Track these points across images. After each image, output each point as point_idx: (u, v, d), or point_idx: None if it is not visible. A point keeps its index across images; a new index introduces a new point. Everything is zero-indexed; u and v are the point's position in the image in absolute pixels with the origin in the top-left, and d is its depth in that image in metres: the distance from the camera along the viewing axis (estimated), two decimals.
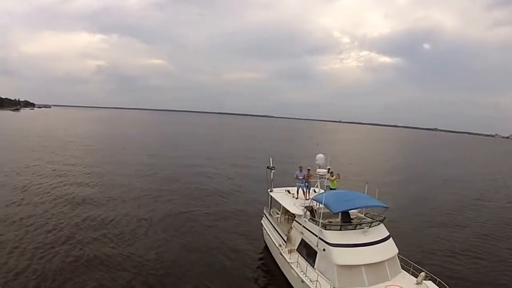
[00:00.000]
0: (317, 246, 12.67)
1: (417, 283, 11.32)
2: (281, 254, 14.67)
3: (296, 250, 14.14)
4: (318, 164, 16.20)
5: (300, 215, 14.50)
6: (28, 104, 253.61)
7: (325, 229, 12.52)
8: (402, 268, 12.66)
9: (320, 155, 16.38)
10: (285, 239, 14.99)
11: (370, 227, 12.94)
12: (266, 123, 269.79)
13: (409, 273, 12.42)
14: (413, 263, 12.54)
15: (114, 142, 65.02)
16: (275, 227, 16.50)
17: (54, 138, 64.03)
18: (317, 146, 52.90)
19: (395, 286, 11.30)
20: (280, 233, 15.65)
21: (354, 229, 12.73)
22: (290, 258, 13.84)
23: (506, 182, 45.98)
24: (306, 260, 13.10)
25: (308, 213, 14.13)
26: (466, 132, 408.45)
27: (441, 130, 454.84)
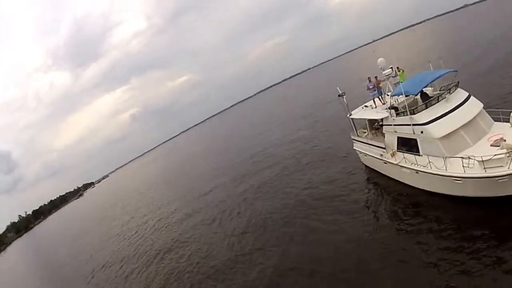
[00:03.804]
0: (414, 133, 13.27)
1: None
2: (385, 162, 15.40)
3: (397, 150, 14.76)
4: (381, 68, 16.33)
5: (387, 117, 15.10)
6: (88, 186, 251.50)
7: (414, 114, 13.08)
8: (493, 120, 12.87)
9: (380, 59, 16.41)
10: (383, 146, 15.64)
11: (450, 93, 13.28)
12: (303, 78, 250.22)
13: (500, 121, 12.55)
14: (500, 110, 12.65)
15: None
16: (368, 142, 17.22)
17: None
18: (373, 54, 53.75)
19: (496, 135, 11.45)
20: (376, 145, 16.35)
21: (438, 102, 13.14)
22: (396, 160, 14.55)
23: None
24: (411, 153, 13.65)
25: (392, 111, 14.72)
26: None
27: None
